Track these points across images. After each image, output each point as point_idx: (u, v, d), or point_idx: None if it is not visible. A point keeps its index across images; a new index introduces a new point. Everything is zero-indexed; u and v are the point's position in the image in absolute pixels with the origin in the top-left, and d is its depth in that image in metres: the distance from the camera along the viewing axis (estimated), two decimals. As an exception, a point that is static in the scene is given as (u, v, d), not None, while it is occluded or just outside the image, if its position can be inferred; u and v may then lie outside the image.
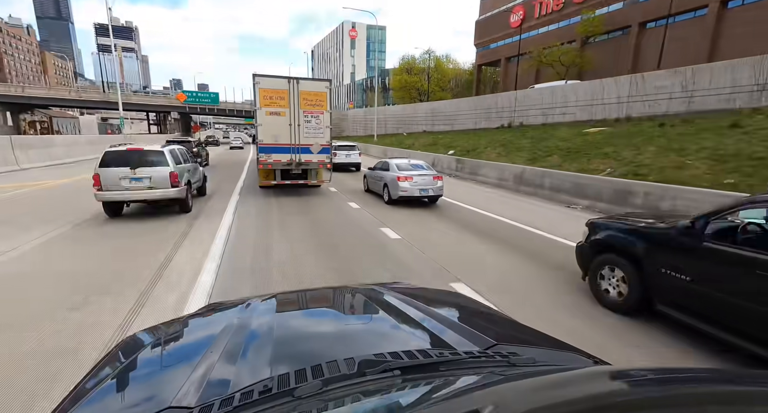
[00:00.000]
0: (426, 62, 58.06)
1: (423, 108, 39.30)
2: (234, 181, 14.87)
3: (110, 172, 7.71)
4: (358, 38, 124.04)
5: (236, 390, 0.83)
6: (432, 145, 27.81)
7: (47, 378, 2.80)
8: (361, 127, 57.25)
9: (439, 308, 1.48)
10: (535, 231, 7.85)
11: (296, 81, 10.59)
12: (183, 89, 54.00)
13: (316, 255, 5.94)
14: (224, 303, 1.70)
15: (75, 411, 0.92)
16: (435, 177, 10.13)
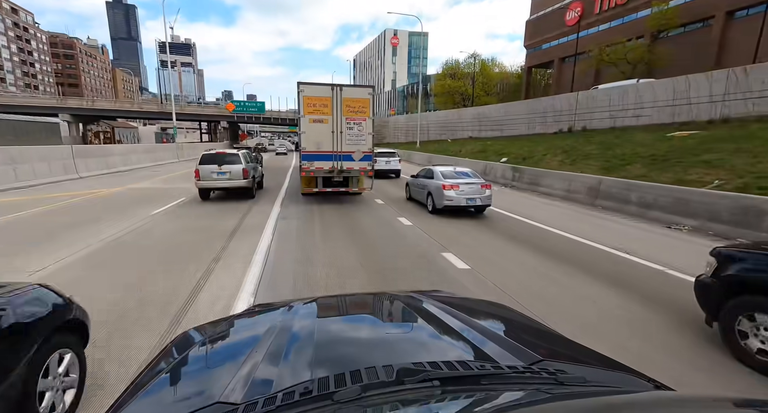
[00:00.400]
0: (471, 66, 56.14)
1: (469, 113, 37.50)
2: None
3: (205, 168, 11.31)
4: (400, 45, 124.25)
5: (279, 390, 0.85)
6: (481, 151, 26.00)
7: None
8: (402, 133, 56.30)
9: (481, 319, 1.44)
10: (631, 258, 6.27)
11: (339, 88, 10.53)
12: (232, 100, 56.14)
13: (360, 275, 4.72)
14: (268, 304, 1.84)
15: (134, 401, 0.99)
16: (483, 185, 9.64)
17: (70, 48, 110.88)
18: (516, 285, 4.99)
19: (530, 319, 1.70)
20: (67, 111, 47.95)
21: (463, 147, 30.33)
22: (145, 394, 1.02)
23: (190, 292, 4.59)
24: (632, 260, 6.20)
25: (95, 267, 5.56)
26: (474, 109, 37.12)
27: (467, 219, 9.73)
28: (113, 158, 22.02)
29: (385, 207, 11.07)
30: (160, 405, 1.01)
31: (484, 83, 55.94)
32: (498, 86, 58.72)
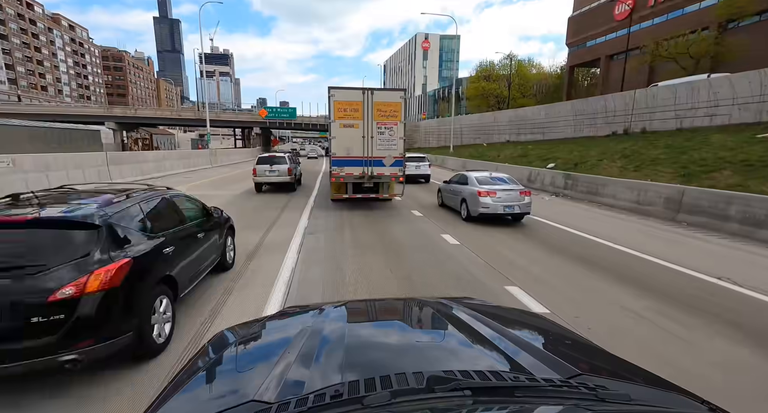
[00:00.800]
0: (506, 67, 53.81)
1: (506, 115, 35.46)
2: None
3: (260, 167, 14.54)
4: (431, 49, 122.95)
5: (310, 391, 0.87)
6: (522, 156, 24.07)
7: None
8: (434, 138, 54.74)
9: (515, 328, 1.40)
10: (756, 296, 4.73)
11: (371, 92, 10.40)
12: (265, 106, 56.99)
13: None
14: (300, 307, 1.83)
15: (173, 398, 1.02)
16: (522, 192, 9.20)
17: (119, 60, 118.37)
18: (621, 336, 3.52)
19: (567, 331, 1.57)
20: (113, 119, 50.41)
21: (501, 151, 28.43)
22: (184, 391, 1.07)
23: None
24: (745, 294, 4.67)
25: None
26: (511, 112, 35.04)
27: (511, 229, 8.67)
28: (147, 165, 22.14)
29: (422, 219, 9.84)
30: (197, 402, 1.04)
31: (521, 85, 53.43)
32: (534, 88, 55.99)
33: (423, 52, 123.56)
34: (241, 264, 5.92)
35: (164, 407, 0.99)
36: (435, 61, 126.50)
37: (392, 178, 10.94)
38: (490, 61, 56.04)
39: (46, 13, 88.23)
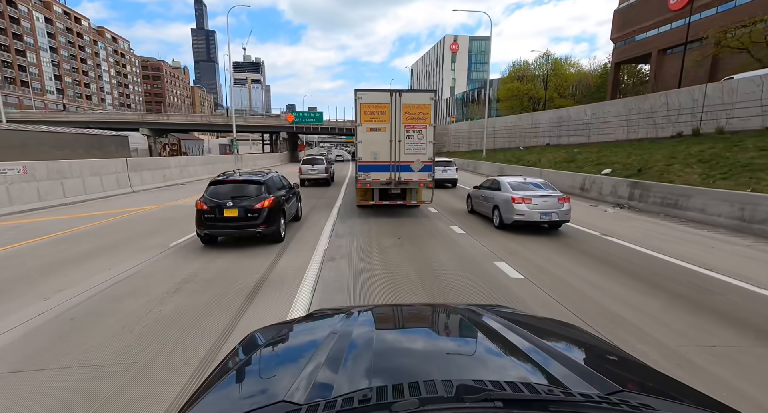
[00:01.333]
0: (542, 66, 50.85)
1: (545, 117, 32.84)
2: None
3: (305, 166, 19.85)
4: (460, 51, 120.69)
5: (339, 395, 0.87)
6: (568, 161, 21.64)
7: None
8: (464, 141, 52.47)
9: (549, 339, 1.33)
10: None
11: (399, 94, 9.97)
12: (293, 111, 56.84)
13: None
14: (328, 310, 1.86)
15: (205, 397, 1.05)
16: (560, 198, 8.63)
17: (157, 70, 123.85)
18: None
19: (607, 343, 1.51)
20: (147, 125, 51.76)
21: (542, 155, 25.99)
22: (216, 390, 1.08)
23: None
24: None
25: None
26: (552, 113, 32.40)
27: (555, 242, 7.47)
28: (170, 171, 21.57)
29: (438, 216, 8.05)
30: (229, 401, 1.06)
31: (558, 85, 50.29)
32: (572, 88, 52.59)
33: (451, 55, 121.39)
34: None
35: (198, 405, 1.01)
36: (464, 64, 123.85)
37: (421, 183, 10.42)
38: (525, 60, 53.24)
39: (92, 27, 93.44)
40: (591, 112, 26.57)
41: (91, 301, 4.77)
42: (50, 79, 77.78)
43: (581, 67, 54.89)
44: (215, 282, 5.48)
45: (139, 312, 4.43)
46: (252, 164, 38.65)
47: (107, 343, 3.71)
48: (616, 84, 39.41)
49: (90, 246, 7.51)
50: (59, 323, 4.17)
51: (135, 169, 18.19)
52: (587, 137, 26.68)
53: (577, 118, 28.15)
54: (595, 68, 53.20)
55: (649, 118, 21.11)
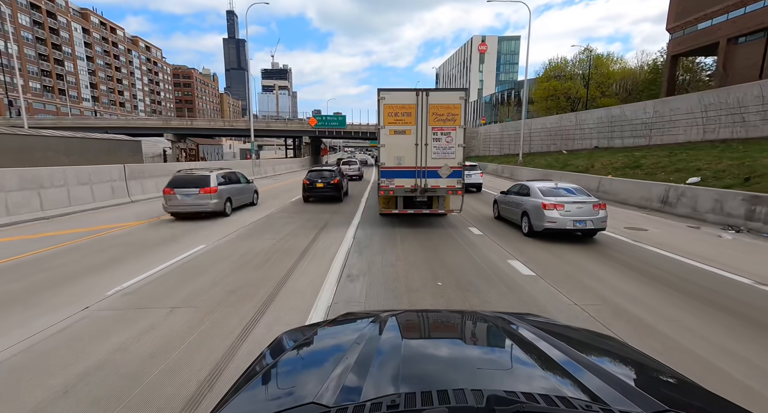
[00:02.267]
0: (582, 63, 46.73)
1: (593, 116, 29.15)
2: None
3: (343, 166, 25.60)
4: (488, 52, 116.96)
5: (367, 399, 0.87)
6: (631, 167, 18.16)
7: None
8: (495, 145, 48.98)
9: (587, 352, 1.28)
10: None
11: (425, 93, 9.20)
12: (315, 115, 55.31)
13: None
14: (357, 313, 1.89)
15: (237, 397, 1.07)
16: (596, 205, 8.03)
17: (188, 77, 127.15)
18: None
19: (650, 358, 1.38)
20: (171, 130, 51.67)
21: (593, 160, 22.50)
22: (246, 391, 1.10)
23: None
24: None
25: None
26: (602, 111, 28.68)
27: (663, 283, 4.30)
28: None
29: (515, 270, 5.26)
30: (259, 401, 1.08)
31: (600, 83, 46.03)
32: (615, 86, 48.08)
33: (479, 56, 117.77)
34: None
35: (229, 405, 1.02)
36: (492, 65, 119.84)
37: (449, 191, 9.58)
38: (562, 57, 49.13)
39: (127, 36, 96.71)
40: (653, 109, 22.83)
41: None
42: (86, 87, 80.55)
43: (625, 64, 50.31)
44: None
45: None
46: (271, 170, 37.03)
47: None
48: (673, 79, 34.98)
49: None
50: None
51: (135, 176, 16.42)
52: (647, 138, 22.95)
53: (633, 117, 24.43)
54: (641, 64, 48.51)
55: (735, 114, 17.35)
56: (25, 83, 65.13)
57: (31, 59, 66.48)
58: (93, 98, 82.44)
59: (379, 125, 9.39)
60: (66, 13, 75.04)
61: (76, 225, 10.47)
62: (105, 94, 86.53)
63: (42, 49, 69.03)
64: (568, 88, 46.72)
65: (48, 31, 70.20)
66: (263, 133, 57.76)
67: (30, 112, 63.70)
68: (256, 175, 31.81)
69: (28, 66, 65.91)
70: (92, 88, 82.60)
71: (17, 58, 61.99)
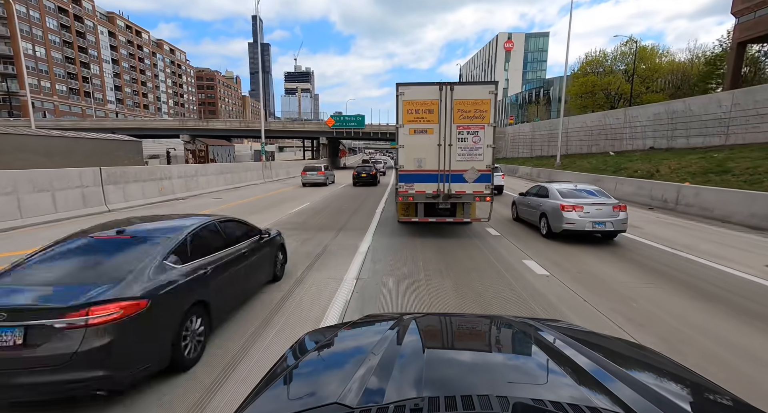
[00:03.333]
0: (625, 56, 42.28)
1: (647, 112, 25.18)
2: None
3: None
4: (514, 50, 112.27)
5: (391, 401, 0.88)
6: (717, 171, 14.46)
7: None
8: (525, 146, 45.13)
9: (618, 361, 1.22)
10: None
11: (450, 87, 8.21)
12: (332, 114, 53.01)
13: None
14: (379, 315, 1.97)
15: (261, 396, 1.08)
16: (615, 207, 8.02)
17: (211, 80, 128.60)
18: None
19: (687, 370, 1.31)
20: (186, 131, 50.63)
21: (655, 163, 18.76)
22: (270, 391, 1.11)
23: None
24: None
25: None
26: (659, 106, 24.68)
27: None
28: (170, 182, 17.55)
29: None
30: (282, 401, 1.08)
31: (645, 77, 41.49)
32: (660, 81, 43.31)
33: (505, 54, 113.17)
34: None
35: (254, 404, 1.03)
36: (518, 63, 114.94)
37: (476, 197, 8.59)
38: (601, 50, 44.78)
39: (152, 39, 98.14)
40: (731, 101, 18.84)
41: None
42: (111, 90, 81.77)
43: (672, 57, 45.33)
44: None
45: None
46: (284, 173, 34.76)
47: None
48: (738, 69, 30.28)
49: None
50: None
51: (116, 180, 14.15)
52: (722, 137, 18.99)
53: (702, 112, 20.46)
54: (692, 56, 43.45)
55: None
56: (51, 86, 66.28)
57: (57, 62, 67.65)
58: (117, 100, 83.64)
59: (398, 124, 8.50)
60: (93, 17, 76.33)
61: (14, 244, 8.06)
62: (129, 97, 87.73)
63: (69, 52, 70.23)
64: (608, 84, 42.33)
65: (75, 34, 71.40)
66: (279, 134, 56.04)
67: (56, 115, 64.67)
68: (266, 179, 29.63)
69: (55, 69, 67.06)
70: (117, 90, 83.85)
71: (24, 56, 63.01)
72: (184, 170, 19.40)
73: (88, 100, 73.32)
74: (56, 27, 67.33)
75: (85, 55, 73.92)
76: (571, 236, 8.40)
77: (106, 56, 79.87)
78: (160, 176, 17.14)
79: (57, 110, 66.23)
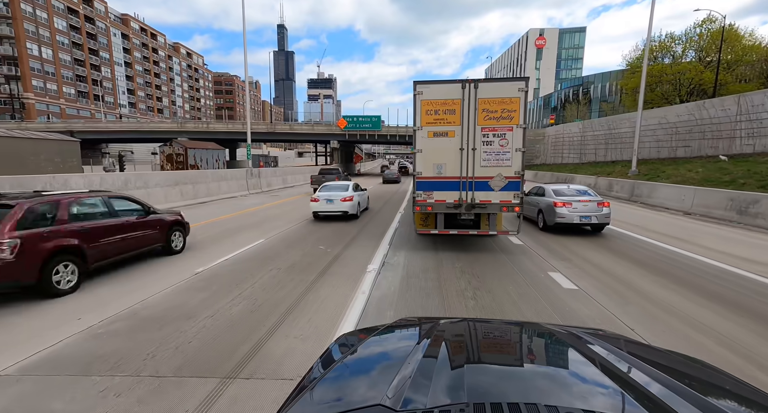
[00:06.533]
0: (703, 37, 34.08)
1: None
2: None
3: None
4: (547, 47, 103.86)
5: (435, 406, 0.87)
6: None
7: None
8: (573, 150, 37.35)
9: (674, 374, 1.15)
10: None
11: (473, 84, 7.48)
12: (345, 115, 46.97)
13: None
14: (416, 319, 1.84)
15: (301, 397, 1.08)
16: (599, 203, 9.52)
17: (230, 84, 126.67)
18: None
19: (750, 387, 1.19)
20: (185, 134, 46.04)
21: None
22: (312, 390, 1.11)
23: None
24: None
25: None
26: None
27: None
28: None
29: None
30: (325, 401, 1.07)
31: (730, 63, 33.16)
32: (745, 68, 34.71)
33: (536, 52, 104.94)
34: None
35: (296, 404, 1.03)
36: (551, 62, 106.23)
37: (503, 207, 7.75)
38: (669, 33, 36.67)
39: (168, 42, 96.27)
40: None
41: None
42: (123, 93, 79.58)
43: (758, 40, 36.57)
44: None
45: None
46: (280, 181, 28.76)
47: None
48: None
49: None
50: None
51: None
52: None
53: None
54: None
55: None
56: (58, 88, 63.96)
57: (66, 64, 65.40)
58: (130, 104, 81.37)
59: (415, 126, 7.73)
60: (105, 19, 74.32)
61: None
62: (143, 100, 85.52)
63: (78, 54, 68.04)
64: (679, 73, 34.18)
65: (85, 35, 69.27)
66: (285, 137, 50.60)
67: (63, 118, 62.07)
68: (252, 190, 23.64)
69: (63, 71, 64.79)
70: (129, 93, 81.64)
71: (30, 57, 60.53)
72: (118, 181, 13.46)
73: (97, 103, 70.93)
74: (65, 28, 65.21)
75: (96, 57, 71.75)
76: (564, 228, 9.89)
77: (118, 59, 77.75)
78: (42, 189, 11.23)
79: (64, 113, 63.76)
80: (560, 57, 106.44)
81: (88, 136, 45.74)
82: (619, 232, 10.02)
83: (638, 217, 12.57)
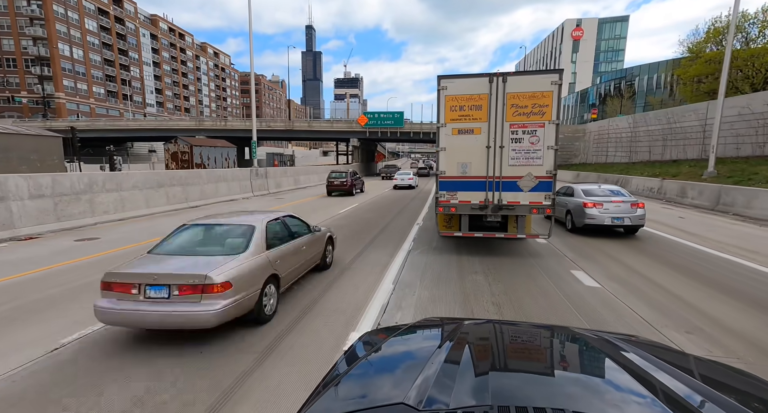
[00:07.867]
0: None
1: None
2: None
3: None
4: (584, 38, 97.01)
5: (458, 406, 0.87)
6: None
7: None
8: (621, 147, 32.82)
9: (715, 385, 1.12)
10: None
11: (502, 78, 7.10)
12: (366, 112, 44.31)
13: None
14: (440, 319, 1.84)
15: (325, 394, 1.07)
16: (633, 204, 9.04)
17: (257, 83, 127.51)
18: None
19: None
20: (203, 132, 45.13)
21: None
22: (336, 387, 1.11)
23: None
24: None
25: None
26: None
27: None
28: (6, 205, 9.58)
29: None
30: (348, 398, 1.07)
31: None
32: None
33: (572, 44, 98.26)
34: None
35: (320, 400, 1.03)
36: (589, 54, 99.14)
37: (532, 209, 7.32)
38: (744, 10, 31.35)
39: (196, 42, 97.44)
40: None
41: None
42: (151, 93, 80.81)
43: None
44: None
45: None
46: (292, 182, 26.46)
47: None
48: None
49: None
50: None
51: (36, 194, 6.70)
52: None
53: None
54: None
55: None
56: (88, 88, 65.29)
57: (96, 64, 66.71)
58: (158, 103, 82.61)
59: (439, 123, 7.43)
60: (134, 19, 75.56)
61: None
62: (170, 100, 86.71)
63: (108, 54, 69.34)
64: (754, 56, 29.02)
65: (115, 36, 70.52)
66: (303, 135, 48.65)
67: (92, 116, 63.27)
68: (256, 191, 21.39)
69: (93, 71, 66.09)
70: (157, 93, 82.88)
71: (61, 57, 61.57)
72: (107, 182, 11.33)
73: (126, 102, 72.14)
74: (96, 29, 66.49)
75: (125, 57, 73.01)
76: (594, 230, 9.45)
77: (147, 59, 78.96)
78: (78, 190, 9.33)
79: (93, 112, 65.01)
80: (599, 49, 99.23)
81: (110, 134, 45.73)
82: (741, 265, 6.64)
83: (756, 242, 8.99)
